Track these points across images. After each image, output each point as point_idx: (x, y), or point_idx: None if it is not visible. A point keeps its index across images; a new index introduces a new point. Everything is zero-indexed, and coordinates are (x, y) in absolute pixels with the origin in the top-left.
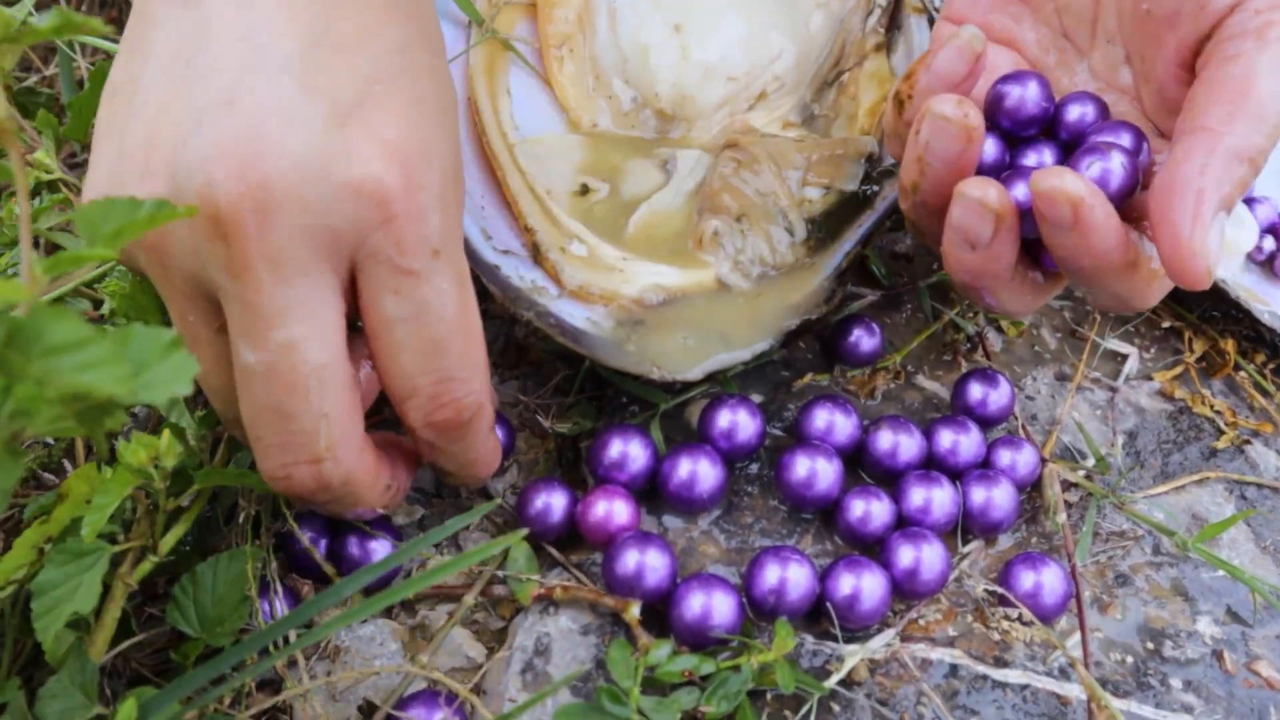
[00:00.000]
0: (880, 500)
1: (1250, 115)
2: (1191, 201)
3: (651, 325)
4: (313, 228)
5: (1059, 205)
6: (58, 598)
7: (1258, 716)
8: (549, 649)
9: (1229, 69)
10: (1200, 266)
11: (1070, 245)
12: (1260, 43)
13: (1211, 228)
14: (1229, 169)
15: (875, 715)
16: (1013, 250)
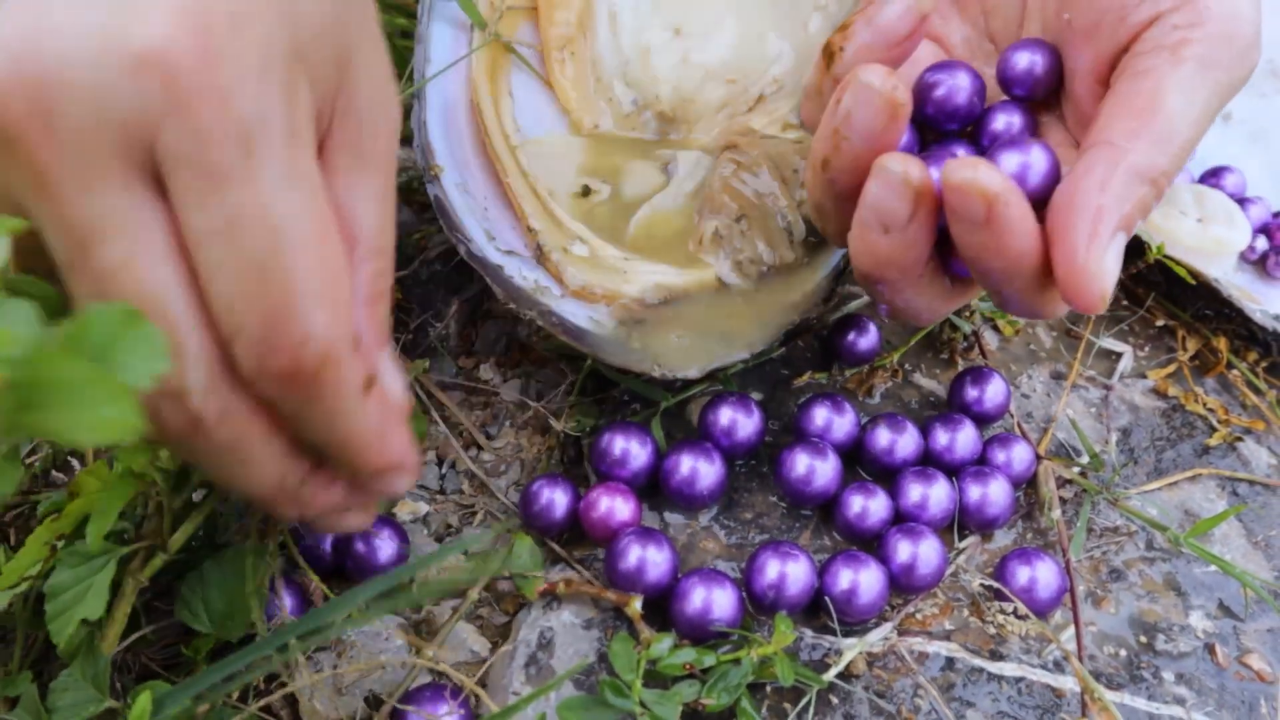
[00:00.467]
0: (878, 496)
1: (1155, 134)
2: (1089, 220)
3: (652, 324)
4: (105, 120)
5: (971, 199)
6: (68, 601)
7: (1248, 708)
8: (552, 643)
9: (1139, 84)
10: (1094, 289)
11: (981, 244)
12: (1174, 59)
13: (1109, 248)
14: (1130, 188)
15: (873, 707)
16: (929, 238)
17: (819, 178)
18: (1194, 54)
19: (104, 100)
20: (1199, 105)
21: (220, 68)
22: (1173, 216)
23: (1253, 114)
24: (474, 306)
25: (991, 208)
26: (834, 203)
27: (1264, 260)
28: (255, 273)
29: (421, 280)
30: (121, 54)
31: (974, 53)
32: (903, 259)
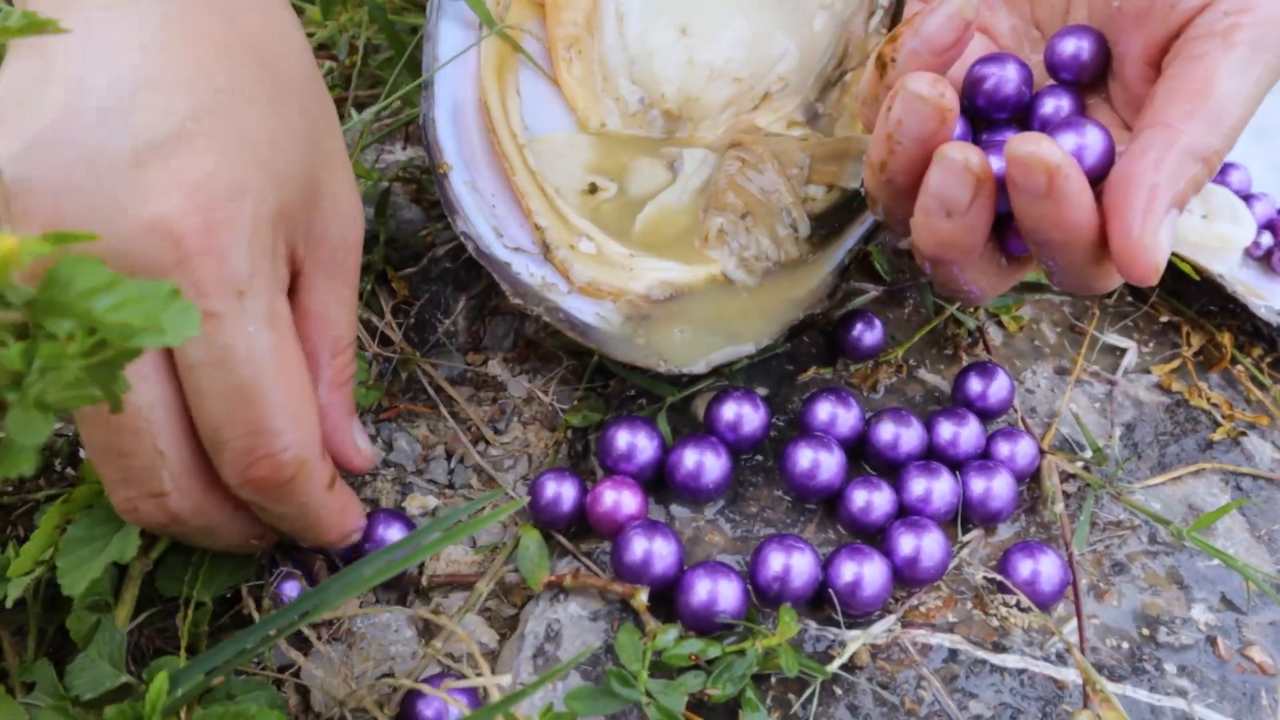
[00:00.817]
0: (881, 490)
1: (1208, 115)
2: (1144, 197)
3: (658, 320)
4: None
5: (1034, 172)
6: (83, 555)
7: (1249, 700)
8: (559, 634)
9: (1192, 68)
10: (1149, 262)
11: (1041, 215)
12: (1225, 44)
13: (1163, 224)
14: (1184, 167)
15: (876, 698)
16: (988, 220)
17: (877, 178)
18: (1245, 39)
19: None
20: (1250, 88)
21: (219, 232)
22: None
23: (1260, 111)
24: (482, 302)
25: (1053, 180)
26: (893, 199)
27: (1269, 256)
28: (239, 398)
29: (430, 277)
30: (136, 219)
31: (1021, 41)
32: (965, 241)
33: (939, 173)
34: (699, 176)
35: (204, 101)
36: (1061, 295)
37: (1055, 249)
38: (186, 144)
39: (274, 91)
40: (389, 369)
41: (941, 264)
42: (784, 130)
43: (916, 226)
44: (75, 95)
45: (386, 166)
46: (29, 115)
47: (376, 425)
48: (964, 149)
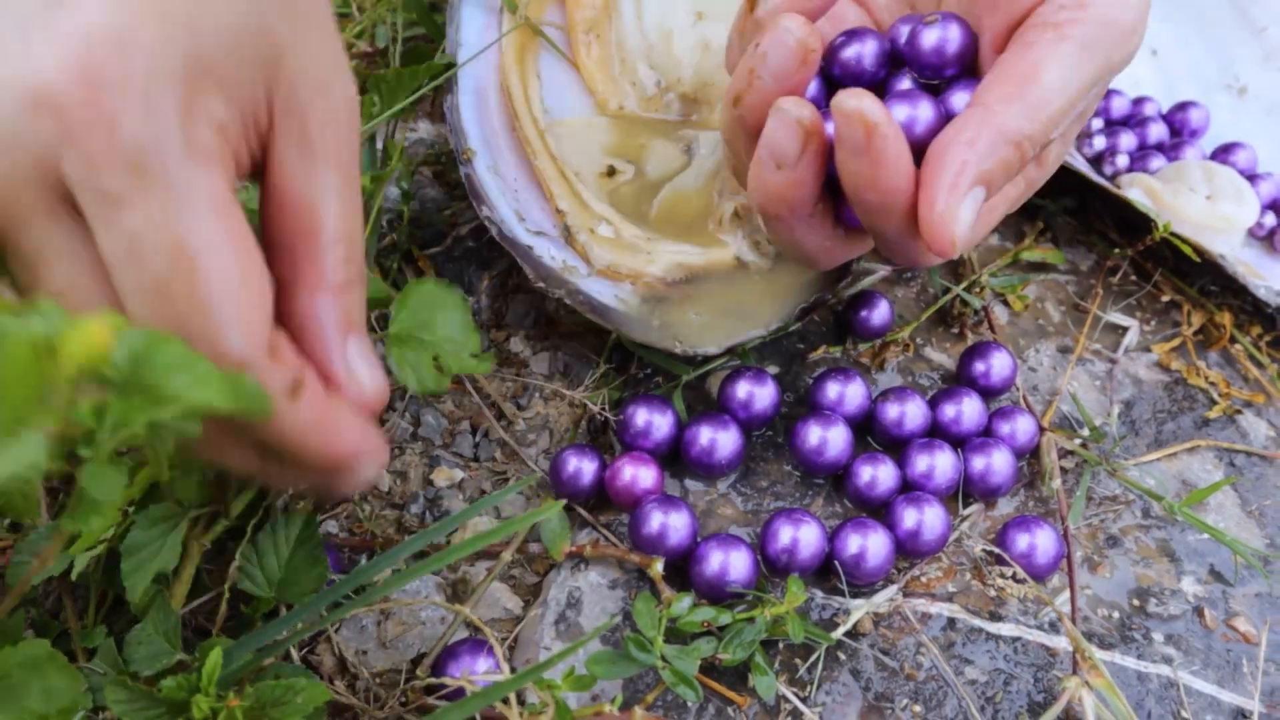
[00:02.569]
0: (886, 466)
1: (1028, 101)
2: (953, 172)
3: (674, 302)
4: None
5: (854, 125)
6: (144, 558)
7: (1232, 668)
8: (580, 602)
9: (1023, 54)
10: (946, 236)
11: (858, 173)
12: (1057, 36)
13: (965, 201)
14: (995, 148)
15: (878, 664)
16: (816, 176)
17: (730, 114)
18: (1077, 34)
19: (12, 142)
20: (1075, 82)
21: (105, 97)
22: (1182, 193)
23: (1269, 88)
24: (504, 281)
25: (871, 137)
26: (741, 140)
27: (1272, 236)
28: (159, 294)
29: (454, 256)
30: (18, 98)
31: (895, 14)
32: (792, 196)
33: (773, 123)
34: (714, 159)
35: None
36: (1065, 274)
37: (874, 213)
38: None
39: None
40: None
41: (772, 220)
42: None
43: (750, 176)
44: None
45: (410, 144)
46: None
47: (403, 400)
48: (799, 103)
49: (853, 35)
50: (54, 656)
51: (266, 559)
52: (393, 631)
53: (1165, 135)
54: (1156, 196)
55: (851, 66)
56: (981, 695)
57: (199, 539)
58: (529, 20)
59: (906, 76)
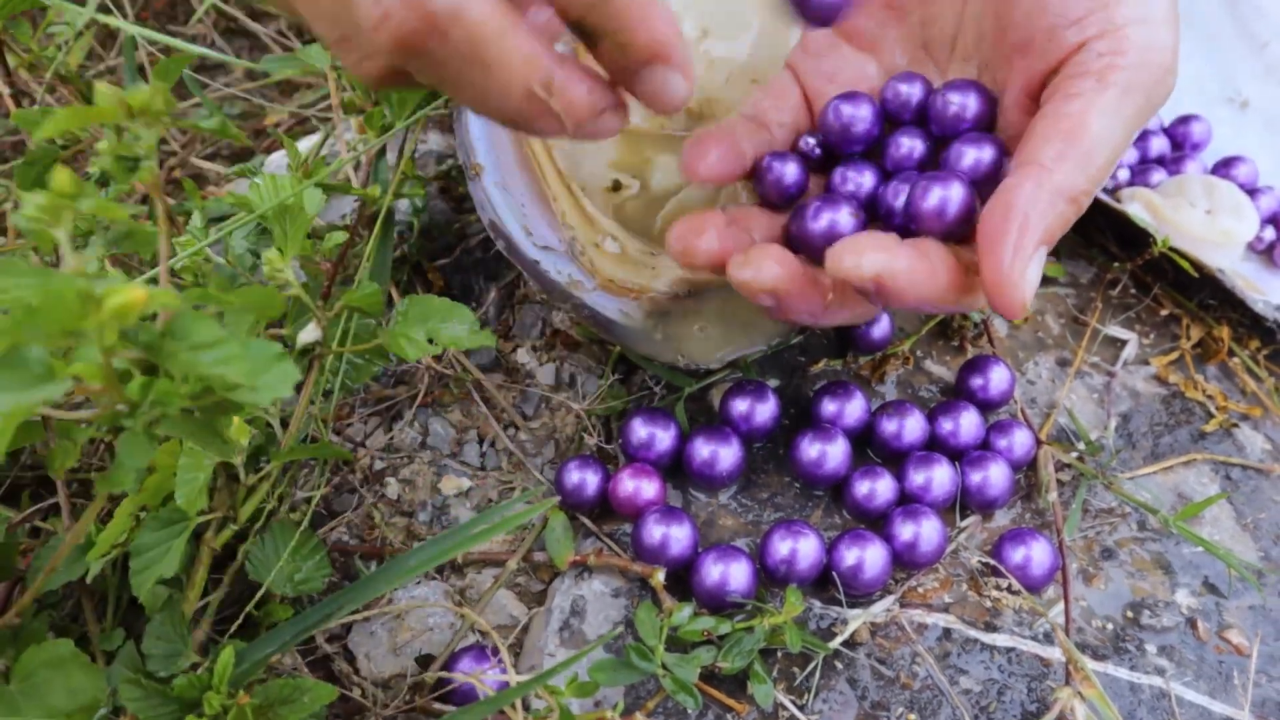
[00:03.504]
0: (884, 479)
1: (1079, 156)
2: (1015, 234)
3: (678, 316)
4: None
5: (863, 283)
6: (151, 559)
7: (1224, 679)
8: (584, 610)
9: (1067, 107)
10: (1016, 297)
11: (887, 302)
12: (1100, 85)
13: (1032, 261)
14: (1053, 205)
15: (874, 673)
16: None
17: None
18: (1117, 80)
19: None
20: (1120, 129)
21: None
22: (1182, 208)
23: (1270, 102)
24: (511, 292)
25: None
26: None
27: (1271, 250)
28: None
29: (462, 267)
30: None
31: (909, 63)
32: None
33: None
34: None
35: None
36: (1065, 288)
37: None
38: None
39: None
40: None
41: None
42: None
43: None
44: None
45: (420, 155)
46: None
47: (413, 410)
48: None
49: (846, 100)
50: (77, 656)
51: (270, 552)
52: (402, 637)
53: (1167, 149)
54: (1156, 211)
55: (848, 133)
56: (976, 705)
57: (210, 543)
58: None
59: (902, 135)
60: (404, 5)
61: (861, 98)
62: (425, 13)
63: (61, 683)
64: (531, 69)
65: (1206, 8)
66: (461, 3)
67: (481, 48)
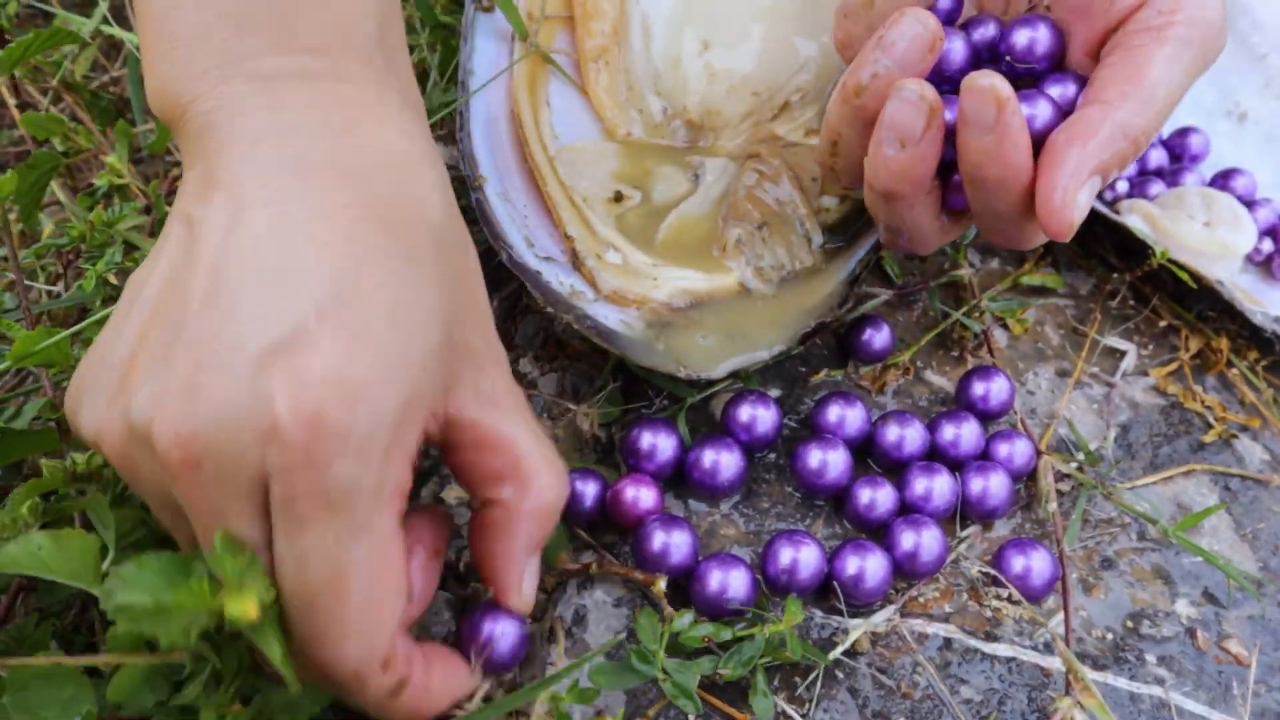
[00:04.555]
0: (885, 488)
1: (1141, 97)
2: (1074, 160)
3: (679, 327)
4: (232, 477)
5: (985, 102)
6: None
7: (1224, 689)
8: (586, 619)
9: (1130, 57)
10: (1065, 219)
11: (984, 149)
12: (1159, 38)
13: (1084, 187)
14: (1113, 140)
15: (875, 682)
16: (937, 153)
17: (847, 106)
18: (1175, 35)
19: (239, 461)
20: (1178, 78)
21: (323, 445)
22: (1180, 220)
23: (1268, 116)
24: (513, 302)
25: (1000, 113)
26: (857, 128)
27: (1269, 262)
28: (307, 601)
29: None
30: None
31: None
32: (913, 173)
33: (896, 104)
34: (719, 185)
35: (327, 291)
36: (1064, 299)
37: (991, 190)
38: (309, 342)
39: (401, 266)
40: None
41: (892, 199)
42: (802, 139)
43: (871, 160)
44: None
45: None
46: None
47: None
48: (921, 84)
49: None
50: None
51: None
52: None
53: (1165, 161)
54: (1155, 223)
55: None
56: (976, 714)
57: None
58: (539, 48)
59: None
60: None
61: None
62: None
63: (54, 695)
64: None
65: None
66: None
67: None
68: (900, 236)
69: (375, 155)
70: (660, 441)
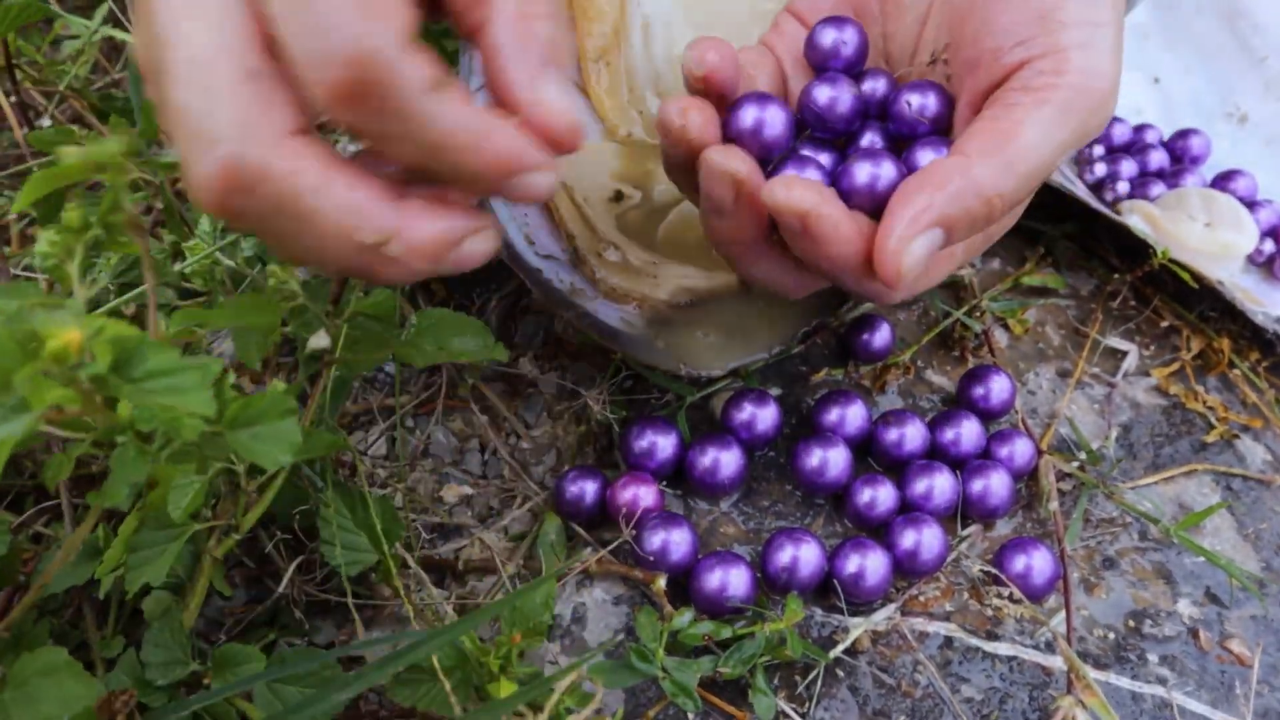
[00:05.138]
0: (885, 487)
1: (1006, 159)
2: (916, 208)
3: (679, 325)
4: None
5: (787, 217)
6: (144, 559)
7: (1226, 689)
8: (585, 617)
9: (1003, 114)
10: (894, 265)
11: (804, 249)
12: (1038, 100)
13: (921, 238)
14: (963, 197)
15: (875, 681)
16: (759, 220)
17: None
18: (1055, 99)
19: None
20: (1052, 144)
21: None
22: (1181, 221)
23: (1269, 118)
24: (514, 301)
25: (805, 222)
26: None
27: (1270, 263)
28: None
29: (465, 277)
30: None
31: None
32: (741, 237)
33: (704, 176)
34: None
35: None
36: (1065, 299)
37: (827, 271)
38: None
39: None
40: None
41: (732, 261)
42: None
43: (700, 218)
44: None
45: None
46: None
47: (415, 419)
48: (726, 154)
49: (825, 79)
50: (70, 664)
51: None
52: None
53: (1166, 162)
54: (1156, 223)
55: (824, 114)
56: (977, 713)
57: (212, 552)
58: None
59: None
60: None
61: (842, 80)
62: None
63: (54, 690)
64: (356, 219)
65: (1205, 23)
66: (267, 157)
67: (293, 203)
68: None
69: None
70: (660, 440)
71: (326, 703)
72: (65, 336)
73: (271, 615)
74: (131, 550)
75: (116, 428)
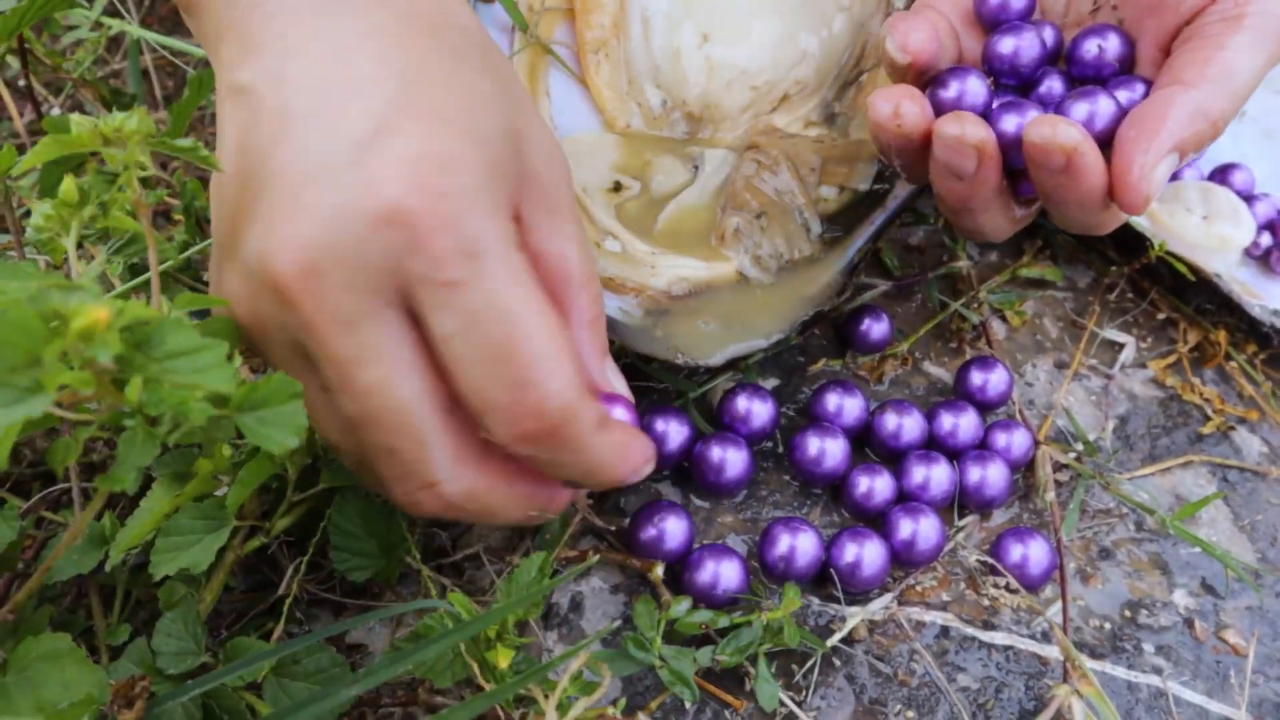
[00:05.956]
0: (883, 477)
1: (1220, 80)
2: (1151, 135)
3: (677, 315)
4: (357, 273)
5: (1052, 154)
6: (179, 544)
7: (1221, 679)
8: (582, 605)
9: (1206, 44)
10: (1141, 192)
11: (1058, 185)
12: (1236, 27)
13: (1161, 163)
14: (1192, 120)
15: (872, 670)
16: (997, 177)
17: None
18: (1252, 25)
19: (359, 255)
20: (1256, 66)
21: (444, 205)
22: (1178, 213)
23: (1266, 112)
24: None
25: (1070, 159)
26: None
27: (1267, 256)
28: (495, 356)
29: None
30: (365, 217)
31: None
32: (978, 194)
33: (940, 147)
34: (718, 176)
35: (395, 88)
36: (1063, 291)
37: (1070, 207)
38: (392, 131)
39: (453, 61)
40: None
41: (960, 213)
42: (801, 130)
43: (934, 182)
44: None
45: None
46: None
47: None
48: (960, 120)
49: (1010, 30)
50: (73, 650)
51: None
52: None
53: None
54: (1154, 216)
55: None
56: (973, 702)
57: (236, 549)
58: (539, 39)
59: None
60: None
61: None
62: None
63: (57, 676)
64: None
65: None
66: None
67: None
68: (973, 235)
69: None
70: (670, 429)
71: (334, 699)
72: (93, 315)
73: (272, 605)
74: (165, 534)
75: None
